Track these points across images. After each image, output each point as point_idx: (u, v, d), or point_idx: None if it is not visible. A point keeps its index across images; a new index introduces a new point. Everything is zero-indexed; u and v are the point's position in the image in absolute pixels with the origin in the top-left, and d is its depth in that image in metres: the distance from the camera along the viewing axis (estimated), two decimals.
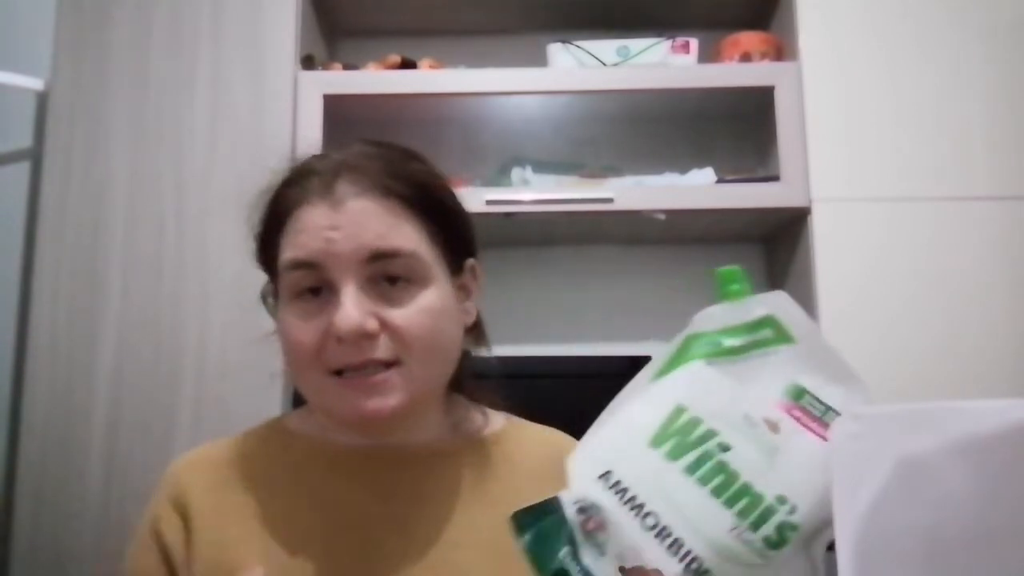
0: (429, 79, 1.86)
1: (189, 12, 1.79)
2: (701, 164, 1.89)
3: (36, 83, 1.97)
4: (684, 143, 2.06)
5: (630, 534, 0.46)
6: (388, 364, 0.70)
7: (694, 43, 1.91)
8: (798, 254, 1.84)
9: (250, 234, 0.78)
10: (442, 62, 1.93)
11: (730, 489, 0.46)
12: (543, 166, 1.94)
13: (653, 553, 0.45)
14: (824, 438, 0.48)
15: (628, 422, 0.50)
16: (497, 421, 0.84)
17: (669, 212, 1.79)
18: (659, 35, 1.91)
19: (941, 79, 1.79)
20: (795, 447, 0.48)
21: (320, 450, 0.78)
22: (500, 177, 1.90)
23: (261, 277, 0.80)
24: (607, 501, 0.47)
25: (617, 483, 0.48)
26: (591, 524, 0.47)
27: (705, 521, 0.46)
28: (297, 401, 1.67)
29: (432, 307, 0.71)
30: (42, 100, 1.99)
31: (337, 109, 1.80)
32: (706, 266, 2.27)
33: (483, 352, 0.83)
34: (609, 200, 1.77)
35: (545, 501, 0.49)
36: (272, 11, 1.80)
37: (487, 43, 2.12)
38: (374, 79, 1.85)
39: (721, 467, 0.47)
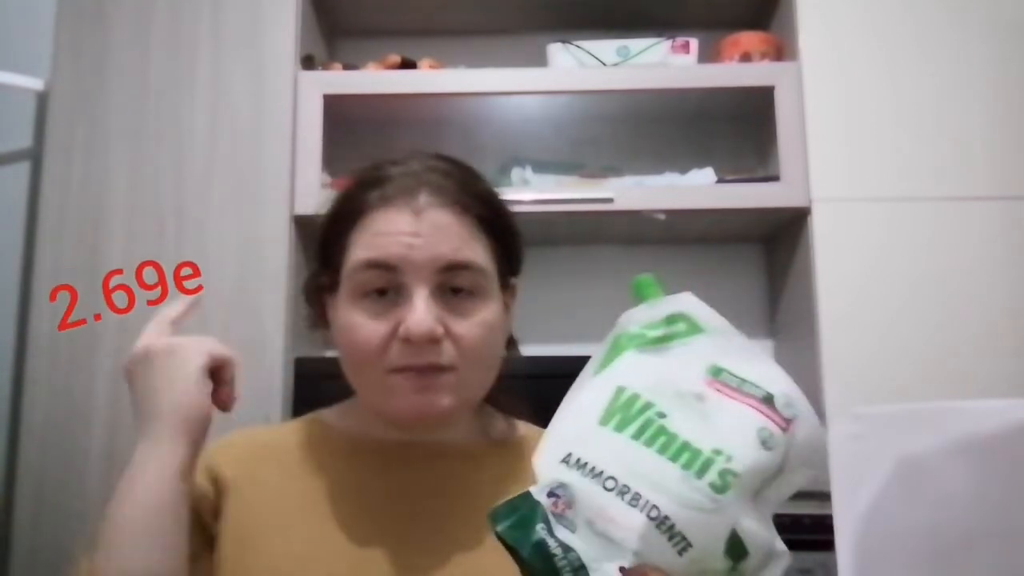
0: (429, 79, 1.86)
1: (189, 12, 1.80)
2: (701, 164, 1.89)
3: (36, 83, 1.97)
4: (684, 143, 2.06)
5: (595, 499, 0.52)
6: (447, 369, 0.74)
7: (694, 43, 1.91)
8: (798, 254, 1.84)
9: (322, 233, 0.82)
10: (442, 62, 1.93)
11: (672, 447, 0.53)
12: (543, 166, 1.94)
13: (617, 509, 0.51)
14: (745, 404, 0.55)
15: (579, 410, 0.57)
16: (519, 428, 0.88)
17: (669, 212, 1.79)
18: (659, 35, 1.91)
19: (941, 79, 1.79)
20: (722, 411, 0.55)
21: (355, 443, 0.82)
22: (500, 177, 1.90)
23: (260, 277, 0.81)
24: (572, 478, 0.53)
25: (578, 460, 0.54)
26: (560, 506, 0.53)
27: (656, 475, 0.52)
28: (297, 403, 1.68)
29: (489, 321, 0.76)
30: (42, 100, 1.99)
31: (337, 109, 1.80)
32: (706, 266, 2.28)
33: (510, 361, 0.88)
34: (609, 200, 1.77)
35: (518, 496, 0.54)
36: (272, 11, 1.80)
37: (487, 43, 2.12)
38: (374, 79, 1.85)
39: (662, 430, 0.54)
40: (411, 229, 0.74)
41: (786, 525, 1.70)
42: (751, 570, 0.53)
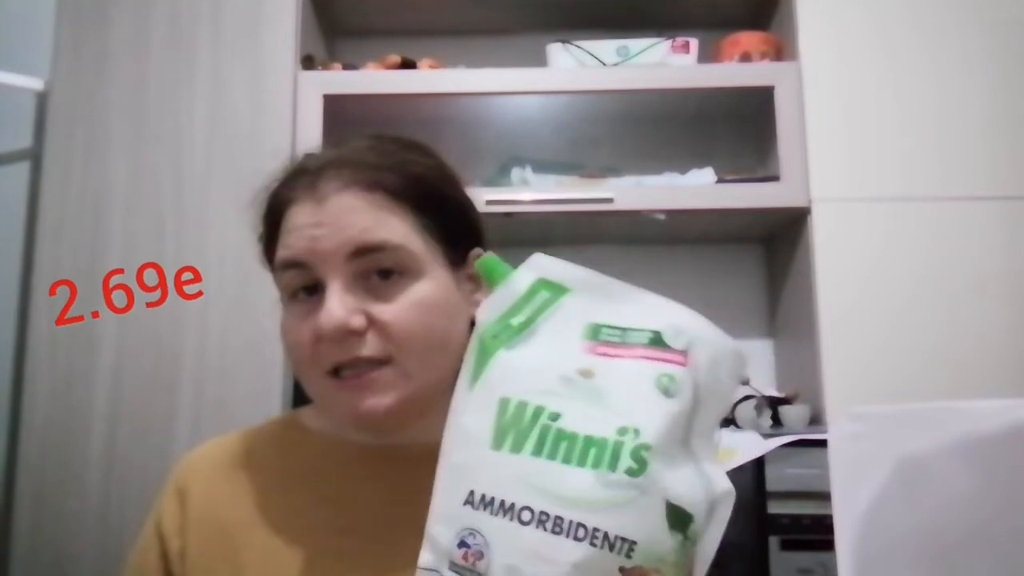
0: (429, 79, 1.86)
1: (189, 12, 1.79)
2: (701, 164, 1.89)
3: (36, 83, 1.97)
4: (684, 143, 2.05)
5: (514, 539, 0.47)
6: (380, 362, 0.68)
7: (694, 43, 1.91)
8: (798, 254, 1.84)
9: (255, 237, 0.78)
10: (442, 62, 1.93)
11: (576, 449, 0.48)
12: (543, 166, 1.94)
13: (543, 543, 0.46)
14: (634, 358, 0.52)
15: (466, 437, 0.51)
16: None
17: (669, 212, 1.79)
18: (659, 35, 1.91)
19: (941, 79, 1.79)
20: (613, 379, 0.51)
21: (332, 448, 0.77)
22: (500, 177, 1.90)
23: (260, 277, 0.80)
24: (480, 520, 0.48)
25: (482, 497, 0.48)
26: (471, 557, 0.48)
27: (570, 488, 0.47)
28: (296, 403, 1.68)
29: (424, 301, 0.69)
30: (42, 100, 1.99)
31: (337, 109, 1.80)
32: (706, 266, 2.28)
33: None
34: (609, 200, 1.77)
35: None
36: (272, 11, 1.80)
37: (487, 43, 2.12)
38: (374, 79, 1.85)
39: (561, 435, 0.49)
40: (313, 220, 0.69)
41: (786, 525, 1.71)
42: (700, 530, 0.50)
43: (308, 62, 1.83)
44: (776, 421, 1.72)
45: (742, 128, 2.03)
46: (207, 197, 1.72)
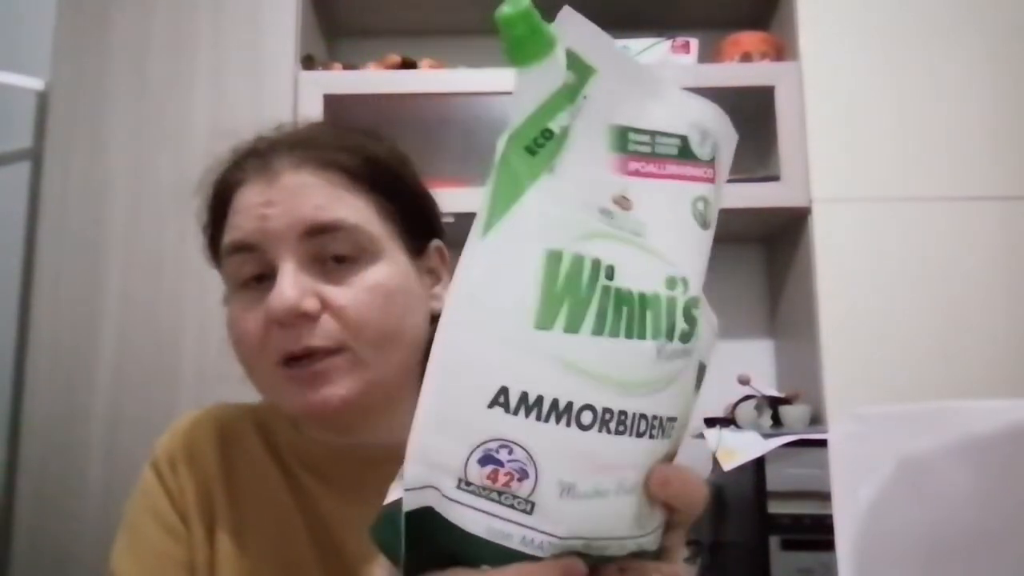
0: (429, 79, 1.86)
1: (189, 12, 1.80)
2: None
3: (36, 83, 1.97)
4: None
5: (570, 449, 0.35)
6: (334, 351, 0.63)
7: (694, 43, 1.91)
8: (798, 254, 1.84)
9: (199, 229, 0.73)
10: (442, 62, 1.93)
11: (635, 315, 0.36)
12: None
13: (605, 448, 0.35)
14: (667, 178, 0.39)
15: (488, 312, 0.36)
16: None
17: None
18: (659, 35, 1.91)
19: (941, 79, 1.79)
20: (651, 209, 0.39)
21: (291, 446, 0.73)
22: None
23: None
24: (519, 429, 0.35)
25: (522, 397, 0.35)
26: (502, 477, 0.35)
27: (636, 371, 0.36)
28: None
29: (381, 285, 0.64)
30: (42, 100, 1.99)
31: (337, 109, 1.80)
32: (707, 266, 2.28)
33: None
34: None
35: (388, 505, 0.38)
36: (272, 11, 1.80)
37: (487, 43, 2.11)
38: (374, 79, 1.85)
39: (621, 299, 0.36)
40: (263, 199, 0.64)
41: (787, 525, 1.70)
42: (703, 378, 0.41)
43: (308, 62, 1.83)
44: (776, 421, 1.72)
45: (742, 128, 1.99)
46: None
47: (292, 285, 0.62)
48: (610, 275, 0.36)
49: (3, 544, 1.71)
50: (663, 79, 0.41)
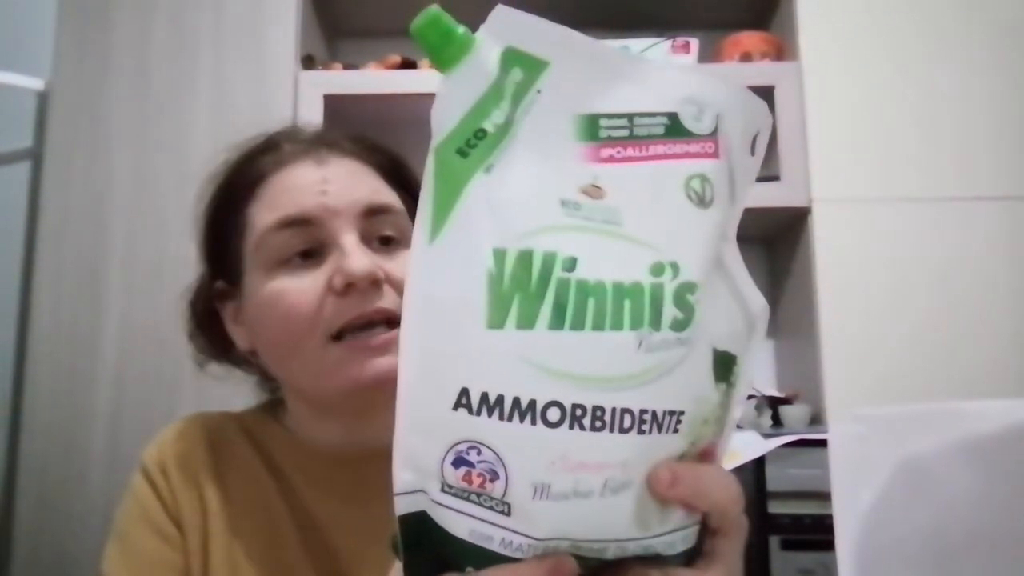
0: (429, 79, 1.86)
1: (190, 12, 1.80)
2: None
3: (36, 83, 1.97)
4: None
5: (539, 447, 0.33)
6: (392, 322, 0.63)
7: (694, 43, 1.91)
8: (798, 254, 1.84)
9: (198, 221, 0.74)
10: None
11: (607, 306, 0.34)
12: None
13: (580, 446, 0.34)
14: (650, 160, 0.37)
15: (440, 315, 0.35)
16: None
17: None
18: (659, 35, 1.91)
19: (942, 79, 1.79)
20: (629, 193, 0.37)
21: (283, 450, 0.74)
22: None
23: None
24: (483, 429, 0.34)
25: (483, 397, 0.33)
26: (476, 478, 0.34)
27: (608, 363, 0.34)
28: None
29: None
30: (42, 100, 1.98)
31: (337, 109, 1.80)
32: None
33: None
34: None
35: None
36: (272, 11, 1.80)
37: None
38: (374, 79, 1.85)
39: (583, 289, 0.34)
40: (318, 177, 0.66)
41: (787, 525, 1.70)
42: (742, 368, 0.40)
43: (309, 62, 1.83)
44: (776, 421, 1.72)
45: None
46: None
47: (365, 252, 0.64)
48: (570, 267, 0.35)
49: (3, 545, 1.71)
50: (639, 60, 0.39)
